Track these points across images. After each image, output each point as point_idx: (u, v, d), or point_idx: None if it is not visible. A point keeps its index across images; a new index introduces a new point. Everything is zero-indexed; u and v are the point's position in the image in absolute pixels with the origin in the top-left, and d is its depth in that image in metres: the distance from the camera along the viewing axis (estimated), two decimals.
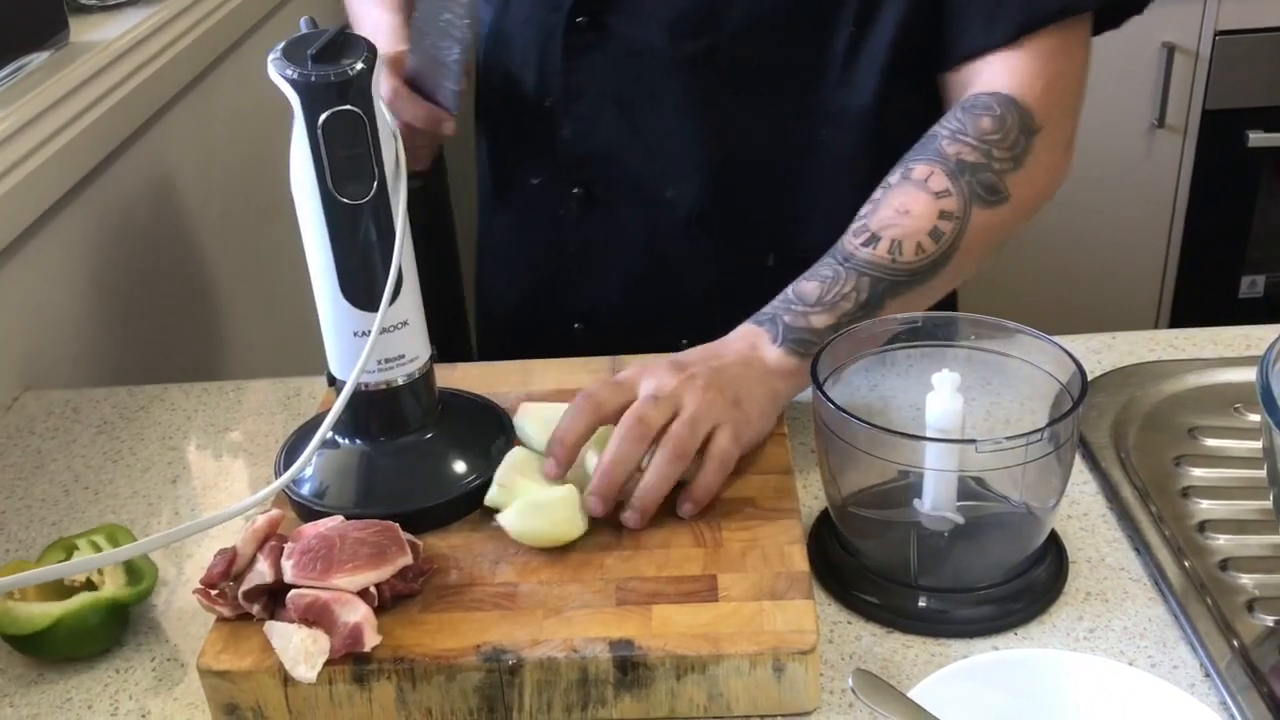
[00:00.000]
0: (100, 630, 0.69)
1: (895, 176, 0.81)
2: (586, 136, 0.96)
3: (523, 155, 1.01)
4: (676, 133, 0.94)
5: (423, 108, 0.91)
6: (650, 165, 0.96)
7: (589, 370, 0.87)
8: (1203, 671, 0.64)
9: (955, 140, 0.80)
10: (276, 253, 1.42)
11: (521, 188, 1.02)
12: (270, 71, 0.67)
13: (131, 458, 0.89)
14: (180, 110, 1.25)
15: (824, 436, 0.69)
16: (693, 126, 0.93)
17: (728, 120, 0.93)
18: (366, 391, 0.73)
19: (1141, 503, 0.75)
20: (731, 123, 0.93)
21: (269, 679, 0.63)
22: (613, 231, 0.99)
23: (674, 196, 0.96)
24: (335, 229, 0.69)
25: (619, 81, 0.93)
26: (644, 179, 0.97)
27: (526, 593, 0.66)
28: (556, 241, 1.01)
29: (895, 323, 0.74)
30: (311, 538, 0.67)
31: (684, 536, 0.70)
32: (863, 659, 0.66)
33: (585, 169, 0.98)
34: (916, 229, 0.78)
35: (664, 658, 0.62)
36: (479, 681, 0.62)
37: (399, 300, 0.71)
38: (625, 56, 0.92)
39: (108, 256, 1.11)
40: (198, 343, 1.26)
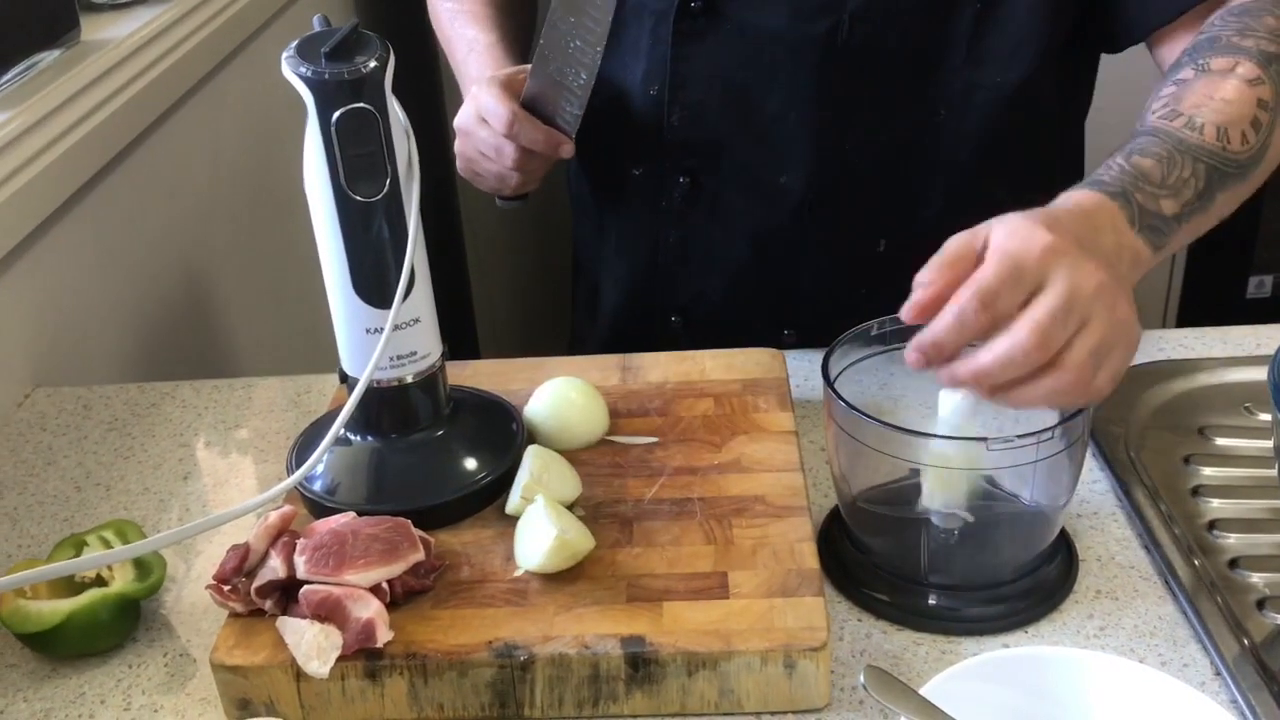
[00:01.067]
0: (111, 625, 0.70)
1: (1187, 71, 0.75)
2: (695, 124, 0.94)
3: (625, 146, 0.99)
4: (791, 118, 0.91)
5: (541, 132, 0.89)
6: (760, 152, 0.94)
7: (599, 368, 0.87)
8: (1213, 669, 0.64)
9: (1247, 35, 0.75)
10: (287, 250, 1.43)
11: (624, 180, 1.00)
12: (284, 69, 0.67)
13: (142, 454, 0.89)
14: (191, 108, 1.25)
15: (835, 434, 0.69)
16: (808, 111, 0.91)
17: (845, 104, 0.91)
18: (378, 388, 0.73)
19: (1151, 501, 0.75)
20: (848, 106, 0.91)
21: (282, 674, 0.63)
22: (718, 221, 0.97)
23: (786, 183, 0.94)
24: (348, 226, 0.69)
25: (730, 67, 0.91)
26: (754, 166, 0.94)
27: (538, 589, 0.67)
28: (659, 233, 0.99)
29: (904, 320, 0.73)
30: (324, 534, 0.67)
31: (695, 534, 0.70)
32: (873, 656, 0.66)
33: (692, 157, 0.96)
34: (1240, 115, 0.72)
35: (675, 654, 0.62)
36: (491, 677, 0.63)
37: (411, 297, 0.71)
38: (738, 41, 0.90)
39: (119, 254, 1.11)
40: (208, 340, 1.27)
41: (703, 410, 0.82)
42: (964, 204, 0.81)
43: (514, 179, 0.92)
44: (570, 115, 0.88)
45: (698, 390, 0.84)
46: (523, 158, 0.90)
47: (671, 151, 0.96)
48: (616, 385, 0.85)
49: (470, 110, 0.91)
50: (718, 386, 0.84)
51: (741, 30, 0.90)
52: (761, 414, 0.81)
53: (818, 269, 0.96)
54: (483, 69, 0.98)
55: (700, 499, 0.73)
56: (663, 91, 0.94)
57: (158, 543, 0.63)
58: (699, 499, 0.73)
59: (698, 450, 0.78)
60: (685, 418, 0.81)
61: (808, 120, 0.91)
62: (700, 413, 0.81)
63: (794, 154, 0.93)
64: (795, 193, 0.94)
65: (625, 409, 0.83)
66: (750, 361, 0.87)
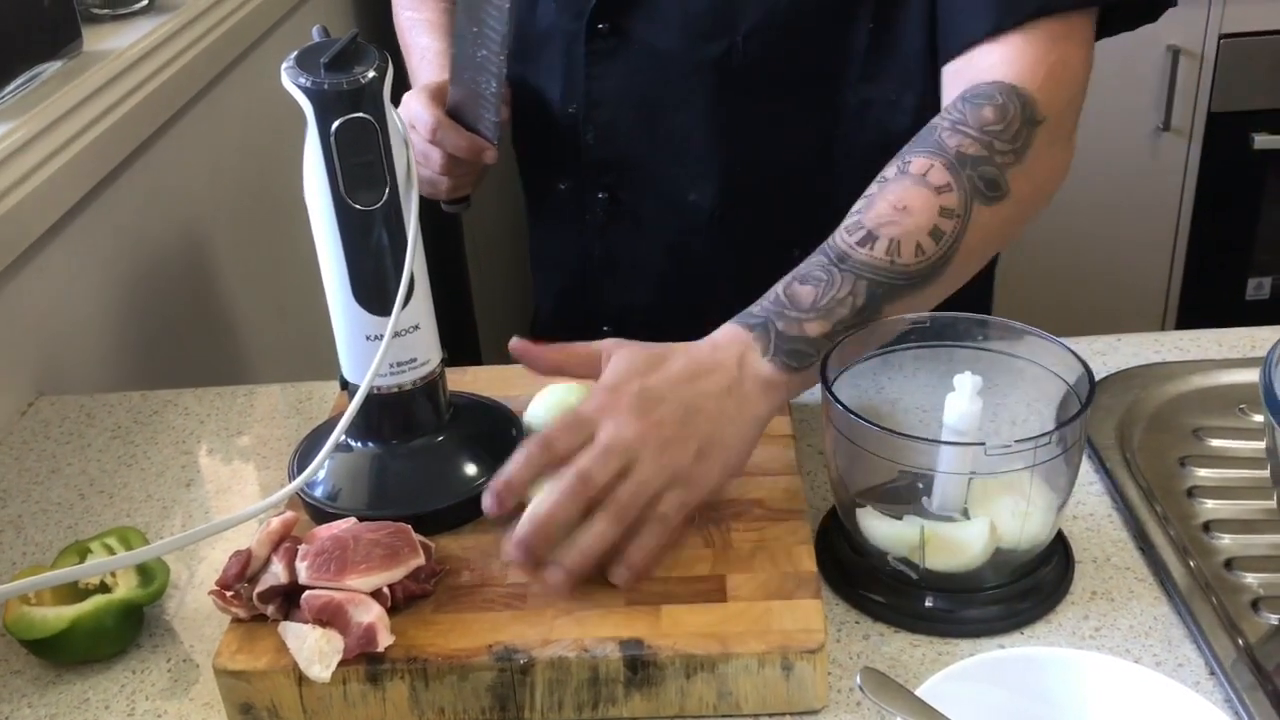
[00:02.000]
0: (115, 632, 0.70)
1: (892, 170, 0.77)
2: (609, 142, 0.97)
3: (551, 162, 1.03)
4: (696, 135, 0.95)
5: (465, 139, 0.93)
6: (672, 168, 0.97)
7: None
8: (1208, 669, 0.64)
9: (956, 131, 0.76)
10: (288, 258, 1.43)
11: (552, 193, 1.04)
12: (283, 80, 0.68)
13: (145, 461, 0.89)
14: (192, 117, 1.26)
15: (833, 438, 0.70)
16: (712, 129, 0.94)
17: (747, 121, 0.94)
18: (379, 395, 0.74)
19: (1147, 503, 0.76)
20: (751, 123, 0.94)
21: (284, 679, 0.63)
22: (638, 235, 1.00)
23: (695, 200, 0.97)
24: (348, 234, 0.70)
25: (640, 86, 0.95)
26: (666, 182, 0.97)
27: (537, 593, 0.67)
28: (585, 245, 1.03)
29: (903, 323, 0.74)
30: (325, 539, 0.68)
31: (693, 537, 0.71)
32: (870, 658, 0.67)
33: (609, 174, 0.99)
34: (916, 227, 0.73)
35: (673, 657, 0.62)
36: (491, 681, 0.63)
37: (411, 304, 0.72)
38: (645, 61, 0.93)
39: (120, 263, 1.12)
40: (210, 348, 1.27)
41: None
42: None
43: (444, 184, 0.97)
44: (490, 122, 0.91)
45: None
46: (448, 163, 0.94)
47: (590, 169, 0.99)
48: None
49: None
50: None
51: (647, 51, 0.93)
52: None
53: (736, 278, 0.95)
54: (430, 76, 1.01)
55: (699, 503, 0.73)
56: (579, 110, 0.97)
57: (161, 549, 0.64)
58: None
59: None
60: None
61: (711, 138, 0.95)
62: None
63: (701, 171, 0.96)
64: (705, 208, 0.97)
65: None
66: None
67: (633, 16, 0.93)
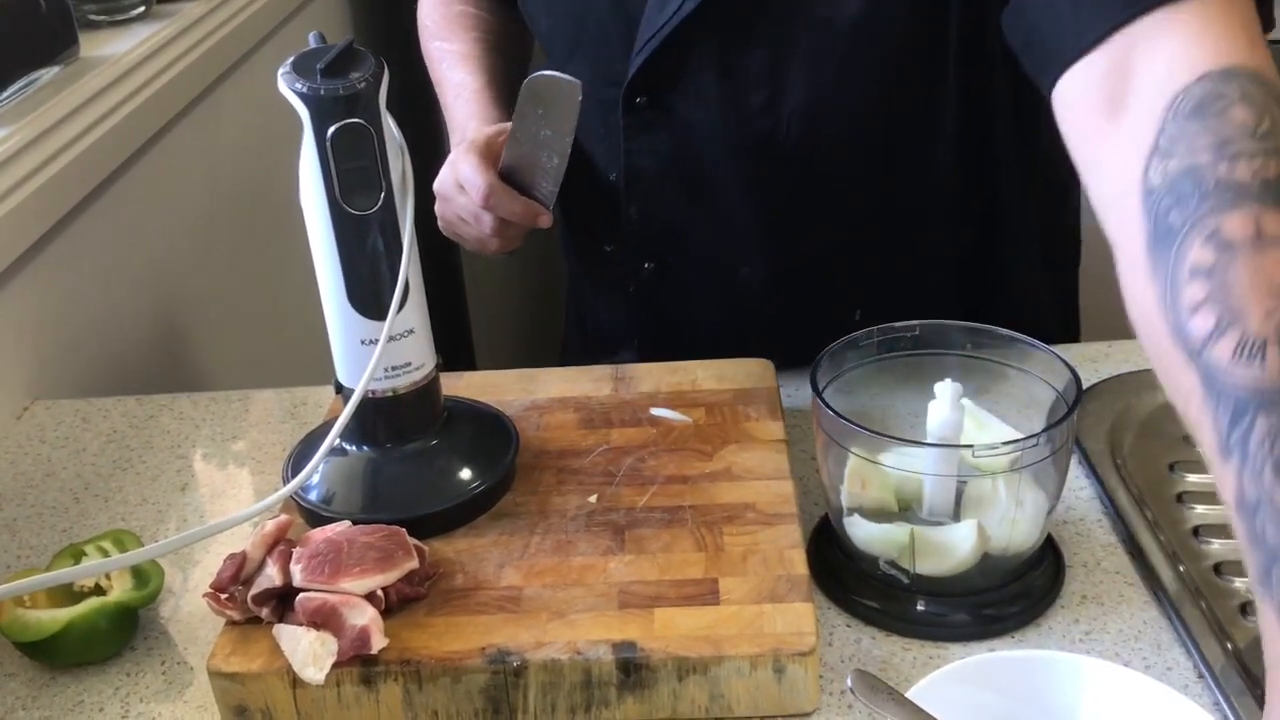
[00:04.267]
0: (109, 634, 0.70)
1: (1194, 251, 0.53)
2: (653, 215, 0.93)
3: (595, 224, 0.98)
4: (744, 213, 0.90)
5: (519, 203, 0.87)
6: (720, 243, 0.92)
7: (592, 379, 0.88)
8: (1196, 673, 0.65)
9: (1231, 160, 0.54)
10: (284, 263, 1.44)
11: (598, 254, 0.99)
12: (280, 85, 0.68)
13: (140, 465, 0.90)
14: (189, 123, 1.26)
15: (824, 443, 0.70)
16: (761, 206, 0.90)
17: (799, 196, 0.89)
18: (373, 399, 0.74)
19: (1137, 508, 0.76)
20: (803, 198, 0.90)
21: (278, 681, 0.64)
22: (689, 301, 0.95)
23: (748, 273, 0.92)
24: (343, 239, 0.70)
25: (682, 162, 0.90)
26: (715, 256, 0.93)
27: (531, 596, 0.68)
28: (631, 309, 0.98)
29: (893, 330, 0.75)
30: (319, 542, 0.68)
31: (685, 541, 0.71)
32: (861, 661, 0.67)
33: (655, 243, 0.94)
34: None
35: (666, 659, 0.63)
36: (484, 683, 0.63)
37: (405, 309, 0.72)
38: (686, 135, 0.88)
39: (116, 268, 1.12)
40: (205, 353, 1.27)
41: (694, 419, 0.83)
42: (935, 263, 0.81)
43: (494, 244, 0.91)
44: (547, 190, 0.86)
45: (689, 400, 0.85)
46: (501, 226, 0.89)
47: (634, 238, 0.95)
48: (609, 395, 0.86)
49: (449, 177, 0.89)
50: (709, 396, 0.85)
51: (688, 126, 0.88)
52: (752, 423, 0.82)
53: (794, 340, 0.89)
54: (468, 117, 0.97)
55: (691, 507, 0.74)
56: (620, 179, 0.92)
57: (155, 551, 0.64)
58: (690, 507, 0.74)
59: (689, 459, 0.79)
60: (677, 427, 0.82)
61: (761, 216, 0.90)
62: (691, 421, 0.82)
63: (752, 244, 0.92)
64: (759, 279, 0.93)
65: (618, 419, 0.83)
66: (741, 371, 0.88)
67: (673, 91, 0.87)
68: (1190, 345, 0.53)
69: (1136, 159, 0.56)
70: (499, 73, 1.02)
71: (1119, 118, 0.59)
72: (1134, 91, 0.58)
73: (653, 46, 0.84)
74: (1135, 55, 0.59)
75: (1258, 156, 0.53)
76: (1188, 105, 0.56)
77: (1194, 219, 0.53)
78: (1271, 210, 0.52)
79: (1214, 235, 0.53)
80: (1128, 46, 0.59)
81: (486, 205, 0.85)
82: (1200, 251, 0.53)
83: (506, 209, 0.86)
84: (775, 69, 0.83)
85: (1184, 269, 0.53)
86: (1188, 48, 0.57)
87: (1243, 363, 0.51)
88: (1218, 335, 0.52)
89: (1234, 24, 0.58)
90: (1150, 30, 0.59)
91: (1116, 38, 0.59)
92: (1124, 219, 0.57)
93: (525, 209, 0.87)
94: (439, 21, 1.07)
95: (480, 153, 0.87)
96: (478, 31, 1.05)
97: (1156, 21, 0.58)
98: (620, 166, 0.91)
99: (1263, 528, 0.50)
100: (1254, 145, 0.54)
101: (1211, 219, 0.53)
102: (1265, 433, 0.50)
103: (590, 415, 0.84)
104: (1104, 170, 0.59)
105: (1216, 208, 0.53)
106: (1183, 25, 0.58)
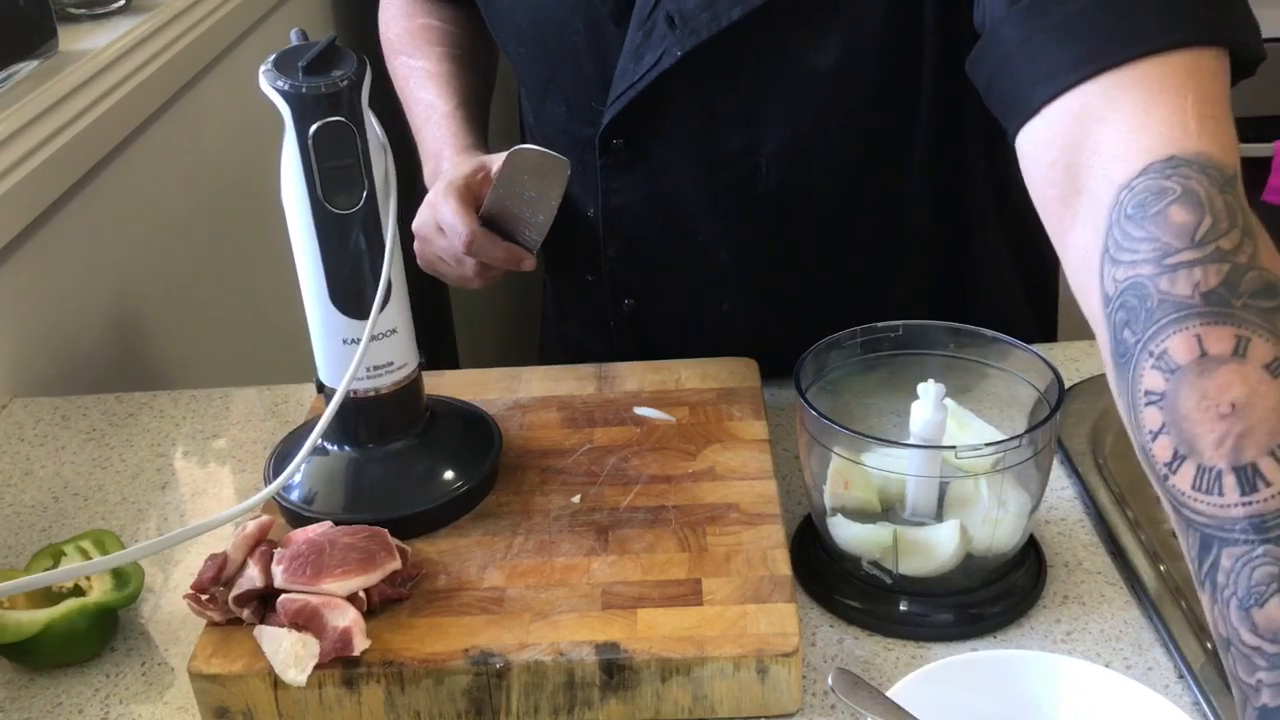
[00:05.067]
0: (89, 635, 0.70)
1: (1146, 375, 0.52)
2: (632, 255, 0.92)
3: (575, 257, 0.97)
4: (725, 255, 0.89)
5: (502, 250, 0.85)
6: (700, 281, 0.91)
7: (576, 377, 0.88)
8: (1176, 673, 0.65)
9: (1171, 273, 0.52)
10: (266, 261, 1.43)
11: (578, 283, 0.98)
12: (261, 83, 0.68)
13: (120, 464, 0.89)
14: (170, 119, 1.25)
15: (807, 443, 0.70)
16: (742, 248, 0.89)
17: (780, 238, 0.89)
18: (355, 398, 0.74)
19: (1118, 508, 0.76)
20: (784, 239, 0.89)
21: (259, 682, 0.63)
22: (670, 334, 0.95)
23: (730, 310, 0.92)
24: (325, 238, 0.70)
25: (660, 202, 0.88)
26: (697, 293, 0.92)
27: (514, 597, 0.67)
28: (612, 339, 0.97)
29: (876, 331, 0.75)
30: (301, 543, 0.68)
31: (669, 541, 0.71)
32: (844, 661, 0.67)
33: (635, 282, 0.94)
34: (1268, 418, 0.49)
35: (649, 660, 0.63)
36: (467, 684, 0.63)
37: (388, 309, 0.72)
38: (665, 178, 0.87)
39: (96, 265, 1.11)
40: (186, 350, 1.27)
41: (678, 419, 0.82)
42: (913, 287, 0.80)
43: (475, 284, 0.89)
44: (530, 239, 0.85)
45: (673, 399, 0.85)
46: (483, 269, 0.87)
47: (614, 277, 0.94)
48: (593, 394, 0.86)
49: (429, 219, 0.87)
50: (693, 395, 0.85)
51: (666, 168, 0.87)
52: (736, 422, 0.82)
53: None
54: (442, 144, 0.95)
55: (675, 507, 0.74)
56: (598, 216, 0.91)
57: (136, 554, 0.64)
58: (673, 507, 0.74)
59: (672, 459, 0.79)
60: (660, 426, 0.82)
61: (741, 254, 0.89)
62: (675, 421, 0.82)
63: (733, 283, 0.91)
64: (741, 317, 0.92)
65: (602, 418, 0.83)
66: (725, 370, 0.88)
67: (649, 136, 0.86)
68: (1155, 471, 0.53)
69: (1093, 256, 0.56)
70: (470, 92, 1.00)
71: (1075, 203, 0.58)
72: (1086, 175, 0.58)
73: (628, 98, 0.83)
74: (1086, 129, 0.58)
75: (1196, 266, 0.52)
76: (1130, 204, 0.55)
77: (1142, 339, 0.53)
78: (1213, 326, 0.51)
79: (1161, 358, 0.52)
80: (1077, 116, 0.58)
81: (469, 251, 0.84)
82: (1151, 376, 0.52)
83: (489, 255, 0.85)
84: (752, 115, 0.83)
85: (1140, 392, 0.53)
86: (1131, 133, 0.56)
87: (1201, 495, 0.50)
88: (1176, 465, 0.51)
89: (1185, 96, 0.56)
90: (1100, 100, 0.58)
91: (1066, 101, 0.59)
92: (1094, 320, 0.57)
93: (508, 254, 0.85)
94: (402, 35, 1.04)
95: (460, 196, 0.84)
96: (444, 46, 1.02)
97: (1103, 90, 0.58)
98: (598, 205, 0.90)
99: (1234, 667, 0.49)
100: (1193, 253, 0.52)
101: (1156, 341, 0.52)
102: (1229, 570, 0.49)
103: (574, 414, 0.84)
104: (1070, 258, 0.59)
105: (1162, 328, 0.52)
106: (1129, 100, 0.57)
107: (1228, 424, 0.50)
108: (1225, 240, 0.53)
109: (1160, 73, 0.57)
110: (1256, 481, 0.49)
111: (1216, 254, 0.52)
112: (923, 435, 0.69)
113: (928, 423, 0.69)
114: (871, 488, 0.71)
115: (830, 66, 0.80)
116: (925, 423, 0.69)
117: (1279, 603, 0.47)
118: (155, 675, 0.69)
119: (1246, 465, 0.49)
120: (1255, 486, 0.49)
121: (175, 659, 0.70)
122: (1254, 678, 0.48)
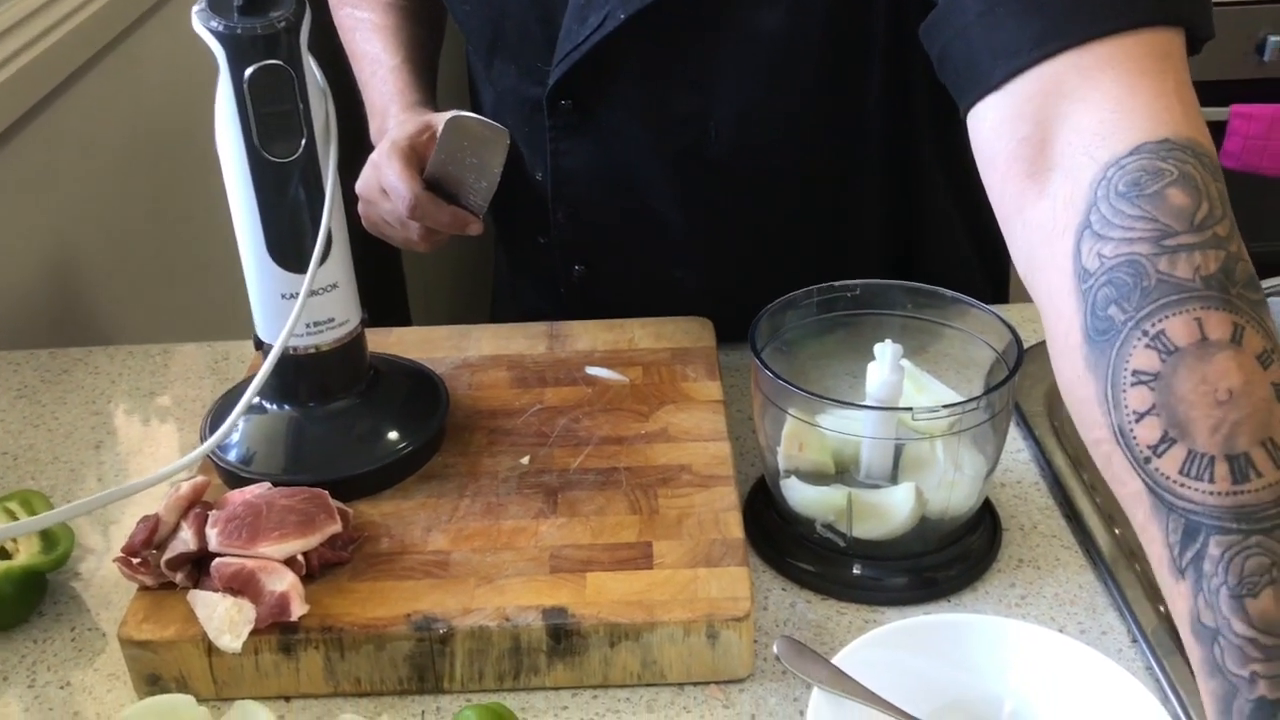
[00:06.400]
0: (16, 600, 0.67)
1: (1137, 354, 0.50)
2: (581, 219, 0.90)
3: (525, 219, 0.95)
4: (673, 217, 0.87)
5: (447, 214, 0.83)
6: (651, 247, 0.90)
7: (526, 335, 0.86)
8: (1130, 637, 0.65)
9: (1171, 255, 0.51)
10: (207, 212, 1.38)
11: (530, 244, 0.96)
12: (194, 23, 0.65)
13: (53, 422, 0.86)
14: (107, 64, 1.21)
15: (762, 404, 0.69)
16: (692, 214, 0.87)
17: (730, 206, 0.87)
18: (294, 355, 0.71)
19: (1073, 471, 0.76)
20: (729, 205, 0.87)
21: (193, 649, 0.61)
22: (622, 301, 0.92)
23: (682, 276, 0.91)
24: (262, 188, 0.67)
25: (609, 165, 0.86)
26: (647, 258, 0.91)
27: (459, 561, 0.66)
28: (565, 297, 0.95)
29: (833, 290, 0.73)
30: (237, 505, 0.65)
31: (619, 503, 0.69)
32: (796, 626, 0.66)
33: (584, 248, 0.91)
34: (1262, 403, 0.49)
35: (597, 625, 0.61)
36: (409, 651, 0.61)
37: (328, 262, 0.69)
38: (614, 142, 0.85)
39: (28, 216, 1.07)
40: (124, 305, 1.23)
41: (631, 379, 0.81)
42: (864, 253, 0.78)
43: (421, 247, 0.88)
44: (476, 203, 0.83)
45: (626, 359, 0.83)
46: (428, 233, 0.86)
47: (563, 243, 0.92)
48: (544, 354, 0.84)
49: (372, 180, 0.85)
50: (646, 355, 0.83)
51: (615, 131, 0.85)
52: (690, 383, 0.80)
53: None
54: (388, 100, 0.92)
55: (626, 469, 0.72)
56: (546, 180, 0.89)
57: (63, 514, 0.61)
58: (625, 469, 0.72)
59: (625, 419, 0.77)
60: (612, 386, 0.80)
61: (692, 218, 0.87)
62: (628, 381, 0.80)
63: (684, 248, 0.89)
64: (692, 282, 0.91)
65: (553, 378, 0.81)
66: (679, 330, 0.86)
67: (597, 97, 0.84)
68: (1135, 453, 0.50)
69: (1065, 230, 0.54)
70: (416, 45, 0.97)
71: (1043, 177, 0.56)
72: (1060, 151, 0.55)
73: (573, 59, 0.81)
74: (1061, 106, 0.56)
75: (1196, 250, 0.51)
76: (1121, 181, 0.53)
77: (1136, 318, 0.51)
78: (1213, 311, 0.50)
79: (1158, 338, 0.50)
80: (1047, 92, 0.56)
81: (412, 215, 0.82)
82: (1143, 355, 0.50)
83: (433, 219, 0.83)
84: (701, 79, 0.81)
85: (1126, 371, 0.51)
86: (1116, 112, 0.54)
87: (1190, 479, 0.49)
88: (1164, 448, 0.49)
89: (1166, 79, 0.55)
90: (1072, 76, 0.56)
91: (1032, 76, 0.56)
92: (1054, 295, 0.55)
93: (453, 219, 0.83)
94: None
95: (404, 157, 0.83)
96: None
97: (1076, 67, 0.56)
98: (547, 167, 0.88)
99: (1221, 658, 0.48)
100: (1193, 237, 0.51)
101: (1153, 320, 0.50)
102: (1218, 558, 0.48)
103: (524, 374, 0.82)
104: (1029, 232, 0.57)
105: (1160, 308, 0.50)
106: (1110, 80, 0.55)
107: (1224, 410, 0.49)
108: (1220, 228, 0.52)
109: (1136, 53, 0.55)
110: (1249, 471, 0.48)
111: (1214, 240, 0.51)
112: (879, 396, 0.68)
113: (884, 384, 0.68)
114: (826, 450, 0.70)
115: (777, 28, 0.79)
116: (881, 384, 0.68)
117: (1272, 594, 0.47)
118: (85, 641, 0.67)
119: (1240, 454, 0.48)
120: (1247, 476, 0.48)
121: (107, 624, 0.68)
122: (1247, 669, 0.47)
